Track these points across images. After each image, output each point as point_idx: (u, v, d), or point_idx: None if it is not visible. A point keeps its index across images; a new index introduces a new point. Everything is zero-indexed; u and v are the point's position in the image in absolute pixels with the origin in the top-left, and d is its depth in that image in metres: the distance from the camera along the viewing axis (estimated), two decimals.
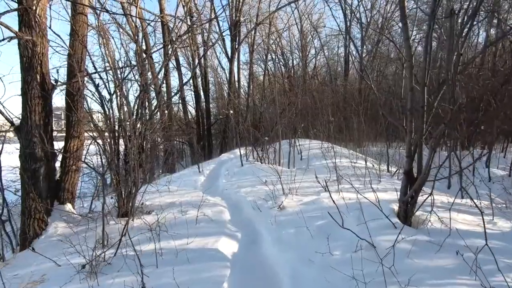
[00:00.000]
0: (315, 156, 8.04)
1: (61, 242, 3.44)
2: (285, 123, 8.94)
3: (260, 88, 19.54)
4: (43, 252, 3.16)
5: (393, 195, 4.11)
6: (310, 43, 21.45)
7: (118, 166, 4.30)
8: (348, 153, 8.21)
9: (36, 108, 4.39)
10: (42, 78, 4.45)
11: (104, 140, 4.29)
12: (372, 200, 3.67)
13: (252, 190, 5.03)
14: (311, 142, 9.71)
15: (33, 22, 4.30)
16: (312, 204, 3.83)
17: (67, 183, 4.74)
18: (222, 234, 3.10)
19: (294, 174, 5.42)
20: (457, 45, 2.06)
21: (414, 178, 2.51)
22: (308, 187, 4.90)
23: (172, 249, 2.73)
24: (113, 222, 3.99)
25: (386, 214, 2.56)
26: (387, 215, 2.54)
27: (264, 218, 3.56)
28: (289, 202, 3.98)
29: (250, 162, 8.05)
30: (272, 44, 18.97)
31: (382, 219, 2.55)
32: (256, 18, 17.00)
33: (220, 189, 6.03)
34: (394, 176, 6.17)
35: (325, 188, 4.51)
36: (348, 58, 19.18)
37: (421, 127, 2.41)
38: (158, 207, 4.51)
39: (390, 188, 4.62)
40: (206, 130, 15.56)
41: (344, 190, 4.43)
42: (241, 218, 3.81)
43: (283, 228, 3.15)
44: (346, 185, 4.74)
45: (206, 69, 15.88)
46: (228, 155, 11.13)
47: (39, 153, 4.37)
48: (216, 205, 4.40)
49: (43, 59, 4.47)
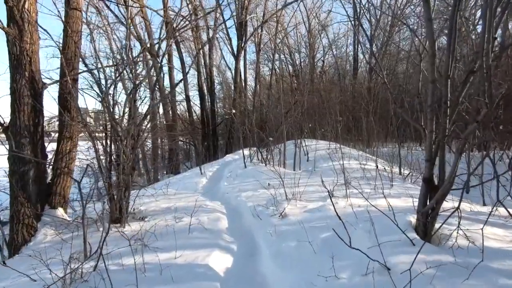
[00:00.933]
0: (322, 158, 7.66)
1: (47, 250, 3.18)
2: (291, 123, 8.58)
3: (267, 88, 19.21)
4: (26, 262, 2.91)
5: (408, 202, 3.72)
6: (318, 41, 20.98)
7: (109, 168, 4.03)
8: (357, 154, 7.80)
9: (25, 107, 4.16)
10: (31, 76, 4.23)
11: (95, 141, 4.03)
12: (384, 207, 3.29)
13: (254, 195, 4.71)
14: (318, 142, 9.32)
15: (22, 16, 4.08)
16: (317, 211, 3.48)
17: (58, 187, 4.52)
18: (215, 246, 2.79)
19: (298, 177, 5.07)
20: (492, 27, 1.69)
21: (435, 186, 2.14)
22: (313, 191, 4.55)
23: (157, 265, 2.42)
24: (102, 229, 3.71)
25: (402, 228, 2.20)
26: (403, 229, 2.18)
27: (264, 227, 3.23)
28: (292, 209, 3.64)
29: (254, 163, 7.73)
30: (279, 44, 18.58)
31: (397, 234, 2.19)
32: (263, 16, 16.68)
33: (221, 192, 5.73)
34: (406, 179, 5.75)
35: (330, 194, 4.15)
36: (357, 56, 18.63)
37: (443, 126, 2.04)
38: (153, 212, 4.24)
39: (403, 194, 4.23)
40: (212, 131, 15.32)
41: (352, 196, 4.06)
42: (239, 227, 3.49)
43: (283, 239, 2.82)
44: (356, 189, 4.36)
45: (212, 68, 15.63)
46: (233, 156, 10.84)
47: (27, 155, 4.15)
48: (214, 211, 4.09)
49: (32, 56, 4.25)
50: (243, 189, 5.16)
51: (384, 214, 2.44)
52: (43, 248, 3.49)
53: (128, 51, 4.08)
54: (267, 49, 20.32)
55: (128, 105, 4.18)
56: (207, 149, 14.01)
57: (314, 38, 20.54)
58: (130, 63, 3.83)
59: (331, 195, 4.12)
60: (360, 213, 3.08)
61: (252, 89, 19.26)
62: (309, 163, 7.59)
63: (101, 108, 4.17)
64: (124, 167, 3.81)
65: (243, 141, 11.29)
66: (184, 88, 14.65)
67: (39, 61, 4.41)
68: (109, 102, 3.92)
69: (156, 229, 3.30)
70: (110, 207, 4.02)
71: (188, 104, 15.13)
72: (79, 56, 4.90)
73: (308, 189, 4.61)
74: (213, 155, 14.39)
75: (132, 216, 4.08)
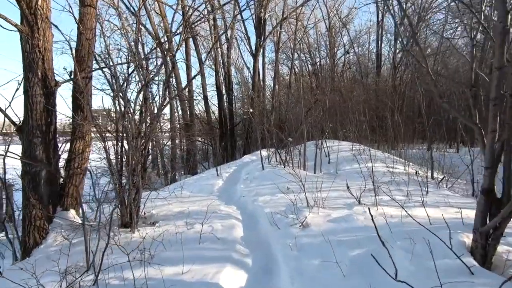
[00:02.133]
0: (345, 160, 7.18)
1: (53, 256, 3.01)
2: (311, 123, 8.15)
3: (286, 87, 18.78)
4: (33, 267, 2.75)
5: (448, 212, 3.24)
6: (338, 39, 20.27)
7: (120, 170, 3.84)
8: (383, 156, 7.24)
9: (37, 106, 4.07)
10: (44, 75, 4.13)
11: (105, 142, 3.85)
12: (422, 219, 2.85)
13: (272, 199, 4.37)
14: (340, 143, 8.82)
15: (34, 13, 3.99)
16: (343, 221, 3.09)
17: (71, 188, 4.39)
18: (228, 260, 2.48)
19: (320, 180, 4.67)
20: None
21: (497, 199, 1.71)
22: (337, 197, 4.14)
23: (161, 281, 2.15)
24: (112, 234, 3.51)
25: (456, 250, 1.78)
26: (457, 252, 1.76)
27: (283, 238, 2.89)
28: (314, 218, 3.27)
29: (272, 165, 7.38)
30: (298, 43, 18.10)
31: (448, 258, 1.78)
32: (282, 13, 16.29)
33: (237, 195, 5.43)
34: (441, 184, 5.18)
35: (358, 200, 3.73)
36: (380, 52, 17.76)
37: (510, 124, 1.61)
38: (164, 217, 4.00)
39: (441, 202, 3.73)
40: (229, 131, 15.11)
41: (383, 204, 3.62)
42: (255, 236, 3.16)
43: (305, 255, 2.46)
44: (385, 196, 3.92)
45: (230, 67, 15.44)
46: (250, 156, 10.54)
47: (40, 155, 4.04)
48: (228, 217, 3.80)
49: (45, 54, 4.15)
50: (260, 193, 4.83)
51: (427, 229, 2.02)
52: (51, 252, 3.34)
53: (138, 46, 3.86)
54: (286, 49, 19.91)
55: (139, 103, 3.98)
56: (225, 149, 13.82)
57: (334, 36, 19.87)
58: (140, 61, 3.61)
59: (359, 201, 3.71)
60: (394, 226, 2.66)
61: (270, 89, 18.91)
62: (331, 165, 7.15)
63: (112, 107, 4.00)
64: (135, 169, 3.59)
65: (261, 142, 10.98)
66: (202, 87, 14.55)
67: (52, 59, 4.31)
68: (119, 101, 3.72)
69: (165, 237, 3.05)
70: (121, 211, 3.83)
71: (206, 104, 15.03)
72: (92, 54, 4.78)
73: (332, 194, 4.21)
74: (230, 156, 14.18)
75: (143, 220, 3.87)
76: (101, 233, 3.65)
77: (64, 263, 2.64)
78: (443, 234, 1.97)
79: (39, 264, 2.82)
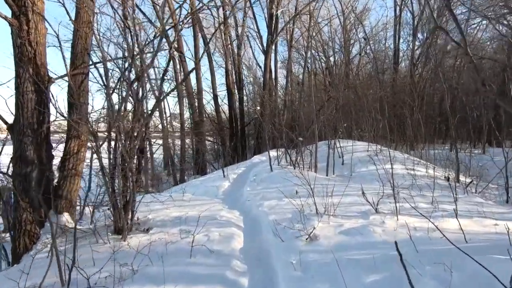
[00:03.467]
0: (360, 161, 6.68)
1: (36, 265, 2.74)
2: (324, 122, 7.67)
3: (297, 84, 18.25)
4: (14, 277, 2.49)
5: (485, 225, 2.74)
6: (353, 36, 19.50)
7: (113, 172, 3.55)
8: (402, 158, 6.69)
9: (28, 104, 3.85)
10: (36, 70, 3.91)
11: (97, 142, 3.58)
12: (453, 232, 2.39)
13: (278, 205, 3.97)
14: (355, 143, 8.29)
15: (25, 5, 3.76)
16: (357, 234, 2.66)
17: (65, 190, 4.16)
18: (220, 280, 2.11)
19: (332, 184, 4.24)
20: None
21: None
22: (351, 203, 3.70)
23: None
24: (102, 241, 3.23)
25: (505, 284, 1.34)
26: None
27: (286, 252, 2.49)
28: (324, 228, 2.85)
29: (281, 166, 6.97)
30: (312, 41, 17.51)
31: None
32: (295, 10, 15.81)
33: (242, 199, 5.07)
34: (469, 189, 4.61)
35: (375, 208, 3.28)
36: (398, 48, 16.92)
37: None
38: (160, 222, 3.69)
39: (474, 212, 3.23)
40: (240, 130, 14.78)
41: (404, 212, 3.15)
42: (256, 249, 2.78)
43: (310, 277, 2.06)
44: (406, 202, 3.44)
45: (240, 65, 15.09)
46: (260, 157, 10.17)
47: (31, 155, 3.82)
48: (228, 224, 3.43)
49: (37, 48, 3.92)
50: (266, 197, 4.44)
51: (465, 254, 1.57)
52: (36, 260, 3.07)
53: (134, 37, 3.56)
54: (298, 47, 19.38)
55: (133, 101, 3.67)
56: (235, 149, 13.49)
57: (349, 32, 19.16)
58: (130, 54, 3.30)
59: (376, 209, 3.26)
60: (420, 242, 2.21)
61: (283, 88, 18.45)
62: (345, 167, 6.66)
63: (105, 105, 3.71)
64: (128, 171, 3.29)
65: (271, 142, 10.55)
66: (211, 86, 14.28)
67: (45, 54, 4.09)
68: (111, 97, 3.43)
69: (155, 248, 2.73)
70: (114, 216, 3.55)
71: (216, 103, 14.76)
72: (89, 49, 4.54)
73: (345, 200, 3.77)
74: (241, 156, 13.84)
75: (136, 227, 3.56)
76: (93, 239, 3.40)
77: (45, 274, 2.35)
78: (488, 260, 1.52)
79: (20, 275, 2.55)
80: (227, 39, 14.10)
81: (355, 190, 4.22)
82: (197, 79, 12.63)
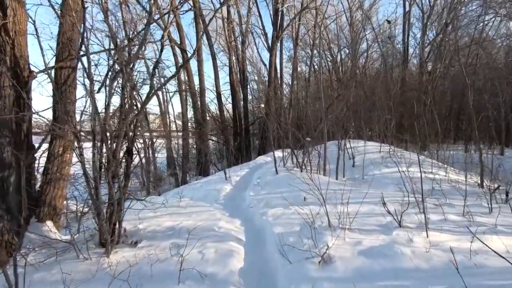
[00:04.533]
0: (373, 163, 6.19)
1: None
2: (332, 121, 7.19)
3: (304, 80, 17.73)
4: None
5: None
6: (361, 33, 18.88)
7: (99, 177, 3.13)
8: (419, 159, 6.15)
9: (6, 100, 3.45)
10: (15, 63, 3.52)
11: (80, 143, 3.17)
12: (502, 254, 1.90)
13: (284, 214, 3.52)
14: (366, 144, 7.78)
15: None
16: (381, 255, 2.20)
17: (48, 195, 3.77)
18: None
19: (348, 189, 3.75)
20: None
21: None
22: (368, 213, 3.23)
23: None
24: (82, 257, 2.82)
25: None
26: None
27: (295, 280, 2.04)
28: (339, 247, 2.39)
29: (287, 169, 6.52)
30: (318, 36, 16.96)
31: None
32: (301, 5, 15.29)
33: (244, 205, 4.64)
34: (496, 195, 4.08)
35: (398, 222, 2.80)
36: (407, 42, 16.27)
37: None
38: (151, 234, 3.27)
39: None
40: (244, 130, 14.32)
41: (432, 226, 2.68)
42: (257, 271, 2.34)
43: None
44: (433, 213, 2.97)
45: (245, 63, 14.62)
46: (265, 158, 9.73)
47: (8, 157, 3.42)
48: (226, 238, 2.99)
49: (16, 38, 3.53)
50: (271, 204, 3.99)
51: None
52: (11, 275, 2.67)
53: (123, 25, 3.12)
54: (304, 45, 18.85)
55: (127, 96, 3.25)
56: (238, 149, 13.05)
57: (356, 29, 18.57)
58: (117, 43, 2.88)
59: (399, 223, 2.78)
60: (466, 272, 1.75)
61: (288, 85, 17.97)
62: (356, 169, 6.18)
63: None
64: (110, 177, 2.87)
65: (276, 142, 10.08)
66: (215, 85, 13.85)
67: (26, 45, 3.69)
68: (93, 92, 3.01)
69: (139, 268, 2.30)
70: (99, 226, 3.13)
71: (219, 102, 14.31)
72: (78, 40, 4.14)
73: (361, 209, 3.29)
74: (245, 156, 13.39)
75: (123, 239, 3.14)
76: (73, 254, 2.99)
77: None
78: None
79: None
80: (231, 35, 13.65)
81: (371, 196, 3.75)
82: (200, 77, 12.20)
